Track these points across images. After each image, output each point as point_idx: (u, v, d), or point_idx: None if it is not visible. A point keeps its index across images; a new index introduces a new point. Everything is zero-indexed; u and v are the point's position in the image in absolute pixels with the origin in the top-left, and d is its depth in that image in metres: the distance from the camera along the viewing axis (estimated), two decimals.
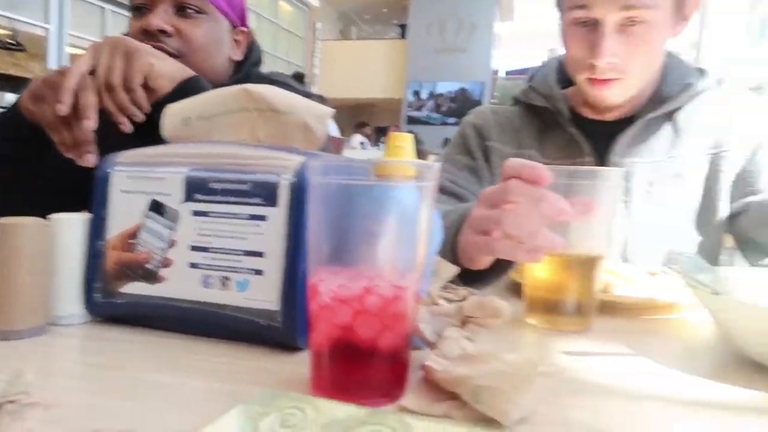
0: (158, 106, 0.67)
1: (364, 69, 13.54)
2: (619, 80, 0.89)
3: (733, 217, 0.93)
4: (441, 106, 13.30)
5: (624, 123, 0.95)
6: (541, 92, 1.01)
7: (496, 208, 0.59)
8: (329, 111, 0.60)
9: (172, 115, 0.62)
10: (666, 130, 0.95)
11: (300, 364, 0.48)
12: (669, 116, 0.95)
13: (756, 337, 0.49)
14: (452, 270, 0.64)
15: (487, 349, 0.42)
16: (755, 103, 0.98)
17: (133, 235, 0.56)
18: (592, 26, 0.87)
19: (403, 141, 0.54)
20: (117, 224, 0.57)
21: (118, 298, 0.57)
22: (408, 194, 0.42)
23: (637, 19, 0.85)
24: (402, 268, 0.41)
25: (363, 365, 0.41)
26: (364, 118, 11.83)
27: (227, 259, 0.53)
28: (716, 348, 0.57)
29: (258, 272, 0.52)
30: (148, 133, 0.67)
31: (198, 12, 0.99)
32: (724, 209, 0.94)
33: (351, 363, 0.42)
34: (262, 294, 0.52)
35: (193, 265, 0.54)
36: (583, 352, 0.55)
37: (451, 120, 12.78)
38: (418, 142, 9.33)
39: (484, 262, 0.68)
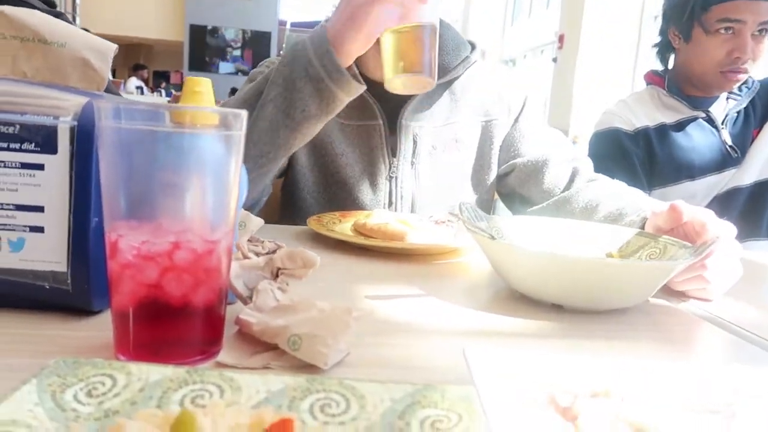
0: None
1: (135, 4, 12.20)
2: None
3: (502, 176, 1.07)
4: (227, 54, 12.66)
5: None
6: None
7: None
8: (113, 46, 0.53)
9: None
10: (445, 98, 1.04)
11: (99, 328, 0.44)
12: (447, 85, 1.04)
13: (523, 274, 0.58)
14: (258, 222, 0.63)
15: (301, 298, 0.43)
16: (515, 76, 1.12)
17: None
18: None
19: (201, 86, 0.50)
20: None
21: None
22: (214, 144, 0.39)
23: None
24: (212, 222, 0.39)
25: (175, 324, 0.39)
26: (141, 61, 10.75)
27: None
28: (492, 285, 0.66)
29: (37, 229, 0.45)
30: None
31: None
32: (494, 170, 1.07)
33: (162, 323, 0.39)
34: (44, 254, 0.45)
35: None
36: (385, 296, 0.59)
37: (240, 69, 12.28)
38: None
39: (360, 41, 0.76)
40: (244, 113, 0.40)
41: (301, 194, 1.03)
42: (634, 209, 0.83)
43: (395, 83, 0.75)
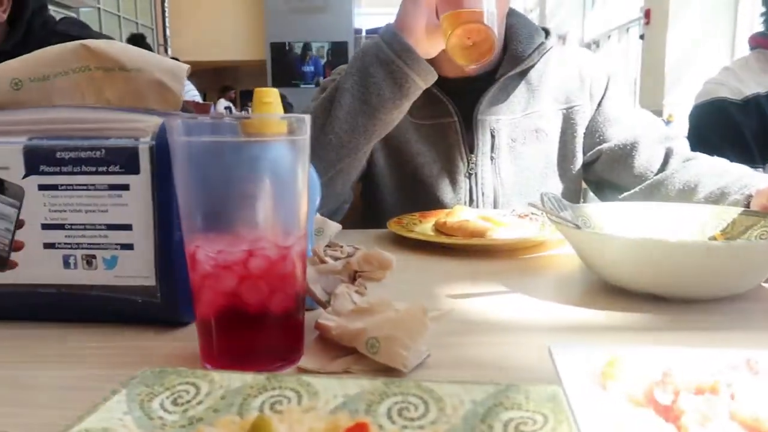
0: None
1: (220, 28, 12.84)
2: None
3: (588, 164, 1.01)
4: (308, 68, 13.05)
5: (480, 81, 0.99)
6: None
7: None
8: (184, 66, 0.55)
9: None
10: (521, 88, 1.00)
11: (187, 339, 0.45)
12: (523, 74, 1.00)
13: (615, 264, 0.54)
14: (336, 227, 0.63)
15: (377, 300, 0.42)
16: (596, 57, 1.05)
17: None
18: None
19: (269, 96, 0.51)
20: None
21: None
22: (281, 150, 0.40)
23: None
24: (284, 228, 0.40)
25: (255, 331, 0.40)
26: (228, 82, 11.30)
27: (89, 235, 0.48)
28: (581, 278, 0.62)
29: (127, 246, 0.47)
30: None
31: None
32: (580, 158, 1.01)
33: (242, 330, 0.40)
34: (135, 269, 0.47)
35: (49, 246, 0.48)
36: (467, 294, 0.57)
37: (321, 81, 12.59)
38: (287, 104, 9.15)
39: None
40: (307, 117, 0.40)
41: (381, 197, 1.03)
42: (738, 187, 0.76)
43: (454, 44, 0.75)
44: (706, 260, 0.49)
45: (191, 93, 6.33)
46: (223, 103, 8.85)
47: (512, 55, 0.99)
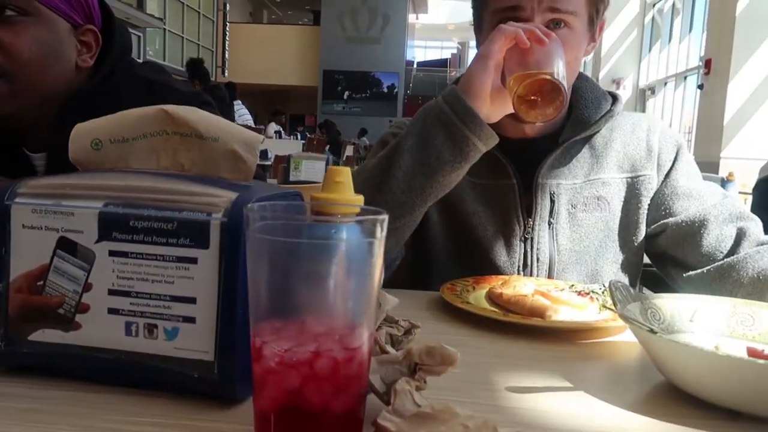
0: (65, 124, 0.59)
1: (276, 54, 13.22)
2: None
3: (651, 237, 0.98)
4: (357, 96, 13.27)
5: (542, 143, 0.97)
6: None
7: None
8: (259, 138, 0.56)
9: (81, 136, 0.55)
10: (585, 153, 0.98)
11: (239, 420, 0.44)
12: (587, 140, 0.98)
13: (692, 375, 0.51)
14: (393, 302, 0.62)
15: (442, 405, 0.41)
16: (666, 128, 1.02)
17: (40, 276, 0.50)
18: None
19: (341, 176, 0.51)
20: (21, 264, 0.50)
21: (25, 347, 0.50)
22: (356, 244, 0.39)
23: (562, 21, 0.86)
24: (355, 324, 0.39)
25: (315, 429, 0.38)
26: (279, 106, 11.58)
27: (153, 304, 0.48)
28: (648, 377, 0.58)
29: (189, 319, 0.47)
30: (56, 156, 0.59)
31: (21, 14, 0.80)
32: (643, 230, 0.98)
33: (302, 428, 0.38)
34: (195, 343, 0.47)
35: (114, 311, 0.48)
36: (527, 387, 0.54)
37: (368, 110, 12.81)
38: (336, 132, 9.26)
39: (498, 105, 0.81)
40: (385, 217, 0.39)
41: (432, 254, 1.02)
42: None
43: (521, 99, 0.75)
44: None
45: (245, 117, 6.50)
46: (273, 126, 9.06)
47: (578, 119, 0.97)
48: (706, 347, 0.51)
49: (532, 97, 0.75)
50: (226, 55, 12.76)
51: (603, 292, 0.78)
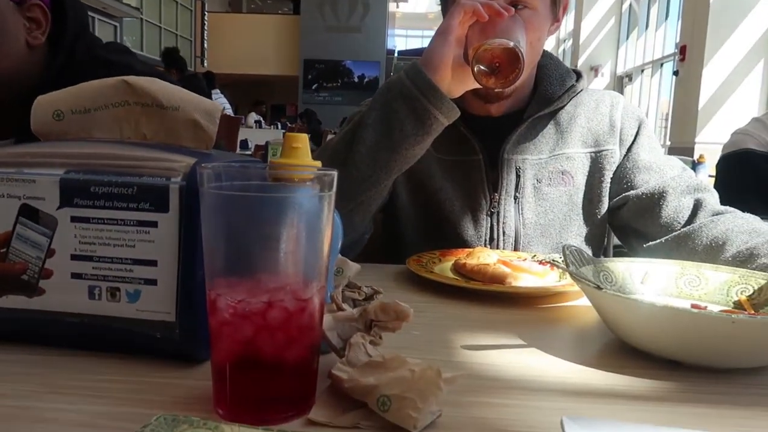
0: (27, 97, 0.60)
1: (256, 44, 13.11)
2: None
3: (614, 209, 1.01)
4: (338, 85, 13.20)
5: (508, 120, 0.99)
6: None
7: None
8: (219, 107, 0.57)
9: (42, 107, 0.56)
10: (550, 129, 1.00)
11: (202, 377, 0.46)
12: (552, 116, 1.00)
13: (635, 327, 0.54)
14: (355, 268, 0.63)
15: (392, 355, 0.43)
16: (628, 105, 1.05)
17: (2, 243, 0.51)
18: None
19: (298, 141, 0.52)
20: None
21: None
22: (307, 200, 0.40)
23: (525, 2, 0.88)
24: (306, 277, 0.40)
25: (269, 380, 0.40)
26: (260, 96, 11.49)
27: (115, 268, 0.49)
28: (600, 334, 0.61)
29: (151, 282, 0.48)
30: (15, 127, 0.60)
31: None
32: (606, 203, 1.01)
33: (256, 378, 0.40)
34: (157, 305, 0.48)
35: (77, 276, 0.49)
36: (483, 346, 0.57)
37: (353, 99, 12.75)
38: (317, 122, 9.21)
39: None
40: (334, 173, 0.41)
41: (402, 230, 1.04)
42: (767, 249, 0.74)
43: (480, 64, 0.76)
44: (729, 333, 0.48)
45: (223, 105, 6.46)
46: (253, 116, 9.00)
47: (542, 96, 0.99)
48: (646, 299, 0.53)
49: (493, 65, 0.76)
50: (205, 45, 12.61)
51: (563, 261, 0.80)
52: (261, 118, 9.42)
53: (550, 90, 0.99)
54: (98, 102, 0.55)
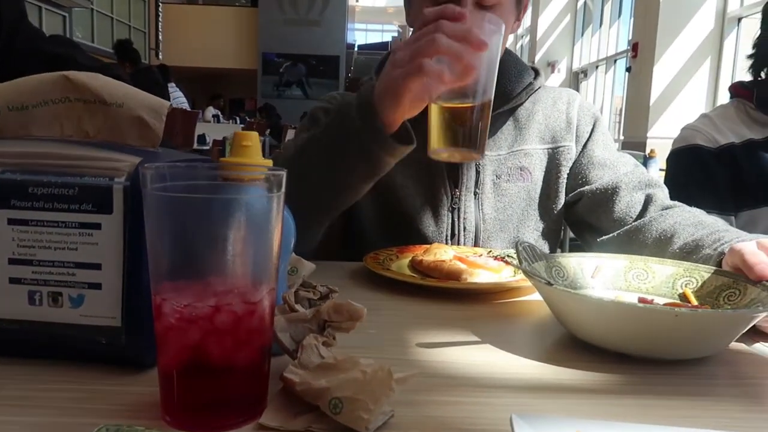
0: None
1: (213, 36, 12.85)
2: None
3: (569, 204, 1.02)
4: (298, 79, 13.07)
5: None
6: None
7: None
8: (166, 104, 0.55)
9: None
10: (508, 125, 1.01)
11: (150, 384, 0.44)
12: (510, 112, 1.02)
13: (584, 322, 0.55)
14: (310, 267, 0.63)
15: (344, 356, 0.42)
16: (584, 102, 1.07)
17: None
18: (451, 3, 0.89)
19: (249, 140, 0.51)
20: None
21: None
22: (256, 200, 0.39)
23: (492, 1, 0.88)
24: (255, 280, 0.40)
25: (218, 385, 0.39)
26: (218, 90, 11.28)
27: (56, 272, 0.47)
28: (552, 329, 0.62)
29: (95, 286, 0.47)
30: None
31: None
32: (562, 198, 1.02)
33: (205, 384, 0.39)
34: (102, 310, 0.47)
35: (15, 281, 0.47)
36: (437, 343, 0.57)
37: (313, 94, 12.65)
38: (276, 116, 9.10)
39: (402, 108, 0.75)
40: (283, 173, 0.40)
41: (362, 227, 1.03)
42: (712, 241, 0.77)
43: (440, 154, 0.71)
44: (674, 326, 0.50)
45: (179, 100, 6.31)
46: (211, 110, 8.83)
47: (500, 92, 1.00)
48: (595, 294, 0.54)
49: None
50: (160, 37, 12.27)
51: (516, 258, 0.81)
52: (219, 113, 9.25)
53: (508, 87, 1.00)
54: (37, 98, 0.52)
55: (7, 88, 0.53)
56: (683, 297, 0.63)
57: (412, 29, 0.98)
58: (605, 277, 0.66)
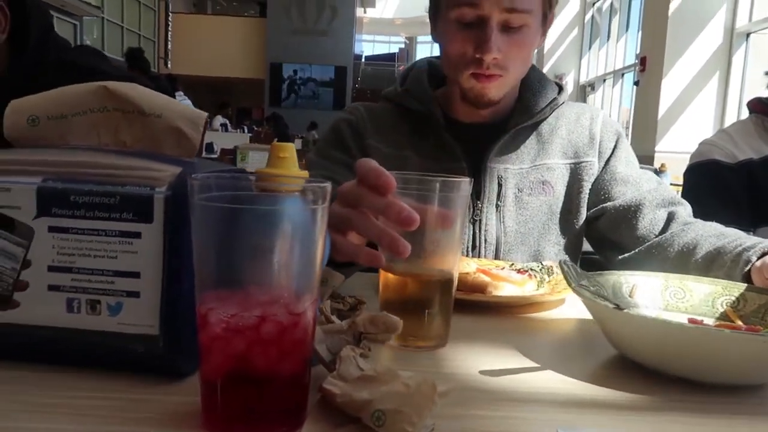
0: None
1: (222, 46, 12.95)
2: (500, 77, 0.93)
3: (591, 220, 1.03)
4: (305, 89, 13.15)
5: (491, 130, 1.00)
6: (415, 96, 1.03)
7: (351, 208, 0.58)
8: (203, 114, 0.56)
9: (16, 112, 0.53)
10: (532, 140, 1.02)
11: (188, 393, 0.44)
12: (534, 127, 1.02)
13: (645, 346, 0.54)
14: (339, 278, 0.63)
15: (384, 368, 0.42)
16: (608, 118, 1.07)
17: None
18: (477, 24, 0.90)
19: (286, 151, 0.51)
20: None
21: None
22: (301, 212, 0.40)
23: (519, 21, 0.89)
24: (299, 291, 0.40)
25: (261, 396, 0.39)
26: (226, 99, 11.34)
27: (96, 280, 0.47)
28: (591, 347, 0.62)
29: (133, 294, 0.47)
30: None
31: None
32: (584, 214, 1.02)
33: (248, 394, 0.39)
34: (140, 318, 0.47)
35: (54, 288, 0.48)
36: (467, 356, 0.57)
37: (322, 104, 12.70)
38: (284, 126, 9.14)
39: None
40: (328, 186, 0.40)
41: None
42: (733, 247, 0.77)
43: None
44: (741, 350, 0.49)
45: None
46: (219, 119, 8.88)
47: (524, 107, 1.01)
48: (675, 321, 0.53)
49: None
50: (169, 46, 12.37)
51: (540, 270, 0.81)
52: (227, 122, 9.31)
53: (532, 101, 1.01)
54: (76, 108, 0.53)
55: (47, 98, 0.53)
56: (726, 316, 0.63)
57: (438, 44, 0.99)
58: (643, 296, 0.66)
